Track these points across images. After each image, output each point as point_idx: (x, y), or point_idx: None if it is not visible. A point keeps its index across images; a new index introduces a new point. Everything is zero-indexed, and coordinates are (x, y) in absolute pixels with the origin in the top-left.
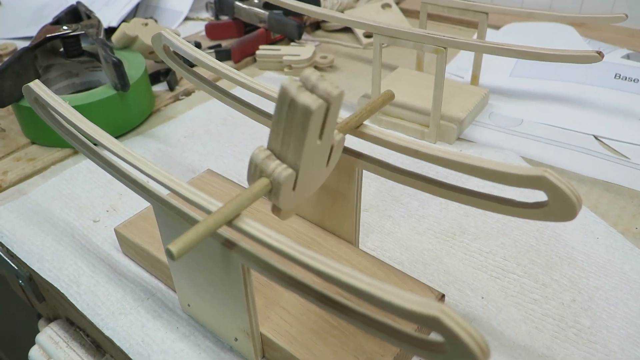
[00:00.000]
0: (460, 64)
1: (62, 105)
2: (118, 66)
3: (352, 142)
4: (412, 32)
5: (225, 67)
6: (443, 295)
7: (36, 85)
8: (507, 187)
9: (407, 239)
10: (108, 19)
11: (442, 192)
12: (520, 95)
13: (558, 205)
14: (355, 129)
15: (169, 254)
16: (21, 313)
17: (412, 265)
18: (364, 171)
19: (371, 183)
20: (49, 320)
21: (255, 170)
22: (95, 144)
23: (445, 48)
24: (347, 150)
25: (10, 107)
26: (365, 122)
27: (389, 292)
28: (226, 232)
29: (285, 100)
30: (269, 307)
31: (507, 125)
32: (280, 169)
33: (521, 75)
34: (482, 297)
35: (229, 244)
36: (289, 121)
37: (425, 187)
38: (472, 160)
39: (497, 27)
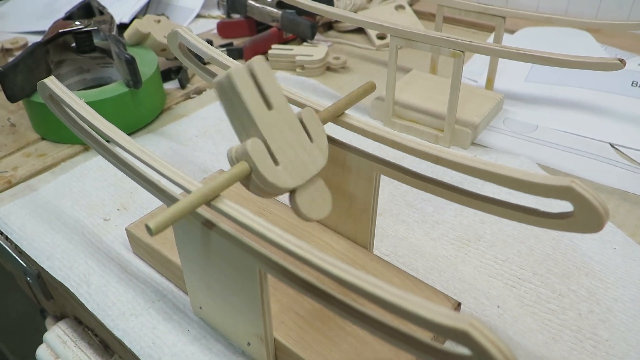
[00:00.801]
0: (473, 68)
1: (77, 102)
2: (131, 63)
3: (366, 144)
4: (429, 34)
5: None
6: (459, 304)
7: (51, 82)
8: (522, 194)
9: (421, 245)
10: (120, 14)
11: (464, 200)
12: (535, 101)
13: (584, 217)
14: (337, 117)
15: (147, 229)
16: (24, 307)
17: (427, 272)
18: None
19: (385, 187)
20: (56, 318)
21: (232, 162)
22: (108, 141)
23: (462, 52)
24: (366, 155)
25: (20, 102)
26: (371, 124)
27: (416, 303)
28: (246, 237)
29: (219, 90)
30: (283, 312)
31: (521, 131)
32: (245, 142)
33: (536, 81)
34: (498, 306)
35: (246, 248)
36: (231, 104)
37: (446, 194)
38: (498, 168)
39: (511, 32)
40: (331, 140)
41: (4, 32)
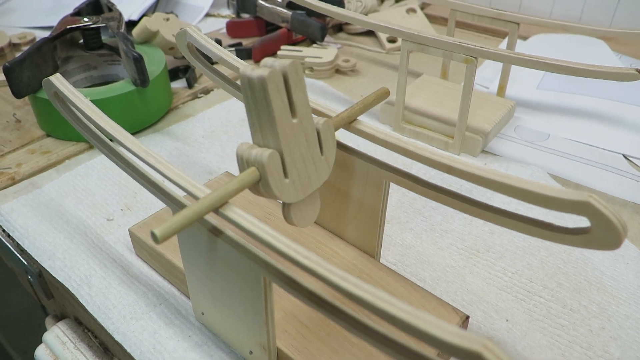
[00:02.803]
0: (485, 74)
1: (82, 101)
2: (139, 61)
3: (374, 149)
4: (442, 39)
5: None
6: (468, 317)
7: (57, 79)
8: (530, 206)
9: (429, 254)
10: (128, 12)
11: (474, 211)
12: (547, 109)
13: (601, 234)
14: (349, 124)
15: (153, 237)
16: (26, 303)
17: (434, 282)
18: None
19: (393, 194)
20: (57, 318)
21: (242, 163)
22: (112, 141)
23: (475, 58)
24: (375, 161)
25: (26, 97)
26: (383, 131)
27: (428, 321)
28: (251, 244)
29: (245, 84)
30: (286, 321)
31: (533, 139)
32: (262, 151)
33: (549, 89)
34: (507, 320)
35: (252, 256)
36: (255, 103)
37: (457, 204)
38: (512, 180)
39: (524, 38)
40: (340, 146)
41: (12, 27)
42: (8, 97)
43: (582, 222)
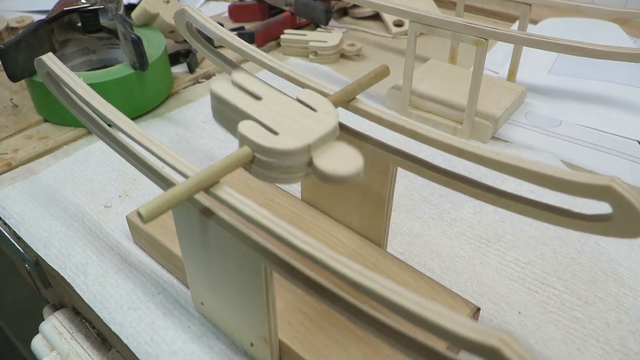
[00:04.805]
0: (495, 58)
1: (75, 81)
2: (137, 44)
3: (382, 134)
4: (451, 20)
5: (253, 48)
6: (479, 309)
7: (49, 59)
8: (544, 192)
9: (437, 244)
10: None
11: (487, 197)
12: (559, 95)
13: (623, 220)
14: (347, 102)
15: (139, 216)
16: (26, 291)
17: (443, 272)
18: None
19: (399, 181)
20: (55, 307)
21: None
22: (109, 125)
23: (486, 40)
24: (382, 145)
25: (24, 82)
26: (387, 111)
27: (441, 314)
28: (252, 232)
29: (215, 113)
30: (289, 312)
31: (544, 125)
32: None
33: (561, 73)
34: (519, 312)
35: (251, 243)
36: (225, 116)
37: (469, 190)
38: (528, 164)
39: (535, 22)
40: (344, 128)
41: (10, 11)
42: (5, 81)
43: (597, 209)
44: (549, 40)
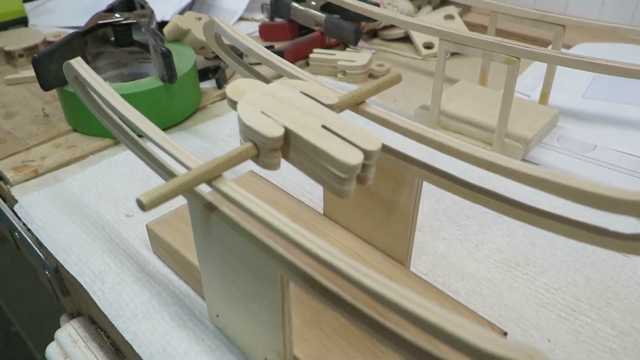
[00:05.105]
0: (527, 82)
1: (102, 86)
2: (167, 56)
3: (403, 145)
4: (482, 39)
5: (279, 59)
6: (505, 334)
7: (77, 63)
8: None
9: (463, 265)
10: (162, 13)
11: (517, 213)
12: (593, 119)
13: None
14: (357, 105)
15: (139, 204)
16: (47, 305)
17: (469, 295)
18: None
19: (425, 201)
20: (72, 316)
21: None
22: (133, 131)
23: (518, 58)
24: (407, 158)
25: (56, 93)
26: (390, 113)
27: (466, 328)
28: (265, 236)
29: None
30: (306, 327)
31: (578, 150)
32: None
33: (596, 97)
34: (549, 340)
35: (268, 250)
36: None
37: (498, 205)
38: (564, 179)
39: (568, 47)
40: None
41: (49, 27)
42: (38, 92)
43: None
44: (584, 60)
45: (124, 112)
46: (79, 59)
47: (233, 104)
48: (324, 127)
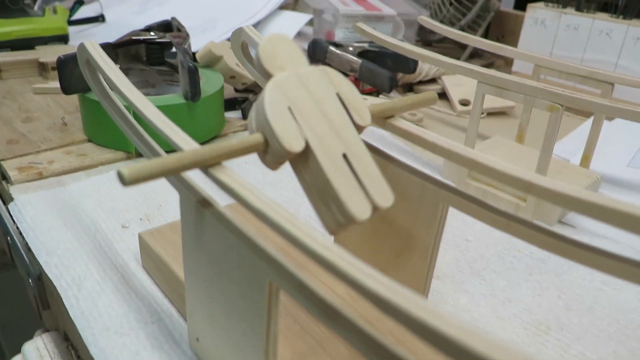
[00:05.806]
0: (567, 147)
1: (113, 70)
2: (192, 72)
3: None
4: (523, 82)
5: None
6: None
7: (91, 45)
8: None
9: (486, 323)
10: (199, 44)
11: (555, 245)
12: (638, 189)
13: None
14: (385, 119)
15: (119, 177)
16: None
17: None
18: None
19: (448, 250)
20: (47, 331)
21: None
22: (139, 121)
23: (561, 106)
24: (431, 179)
25: (78, 105)
26: (421, 129)
27: (493, 344)
28: (261, 239)
29: None
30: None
31: None
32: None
33: None
34: None
35: (256, 250)
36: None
37: (533, 236)
38: (620, 205)
39: (610, 119)
40: (387, 157)
41: None
42: (61, 101)
43: None
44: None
45: (132, 98)
46: (94, 42)
47: (264, 72)
48: (344, 156)
